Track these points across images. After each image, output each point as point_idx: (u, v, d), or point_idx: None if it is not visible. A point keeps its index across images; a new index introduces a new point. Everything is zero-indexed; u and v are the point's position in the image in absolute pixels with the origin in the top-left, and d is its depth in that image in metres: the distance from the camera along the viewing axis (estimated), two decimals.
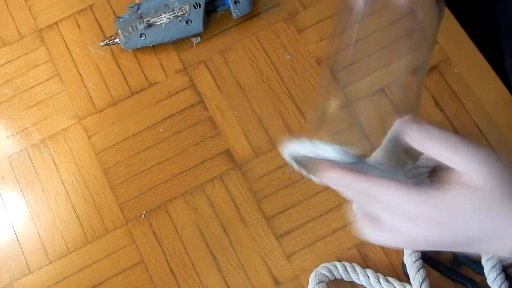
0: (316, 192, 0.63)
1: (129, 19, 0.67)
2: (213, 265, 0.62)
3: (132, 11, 0.67)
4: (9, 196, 0.66)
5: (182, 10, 0.66)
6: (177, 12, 0.66)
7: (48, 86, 0.70)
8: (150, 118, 0.67)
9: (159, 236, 0.63)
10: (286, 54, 0.68)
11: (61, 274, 0.63)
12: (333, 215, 0.62)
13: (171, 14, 0.66)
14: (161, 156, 0.66)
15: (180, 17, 0.66)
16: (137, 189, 0.65)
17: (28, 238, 0.64)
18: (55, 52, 0.71)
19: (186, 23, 0.67)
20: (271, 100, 0.67)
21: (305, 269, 0.61)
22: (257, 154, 0.65)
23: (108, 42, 0.69)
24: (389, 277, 0.58)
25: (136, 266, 0.62)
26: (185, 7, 0.66)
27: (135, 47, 0.68)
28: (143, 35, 0.67)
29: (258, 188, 0.64)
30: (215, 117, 0.67)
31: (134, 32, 0.67)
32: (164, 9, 0.67)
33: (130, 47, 0.68)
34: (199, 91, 0.68)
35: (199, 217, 0.63)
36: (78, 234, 0.64)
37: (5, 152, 0.67)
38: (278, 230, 0.62)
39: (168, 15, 0.66)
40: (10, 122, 0.69)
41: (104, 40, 0.69)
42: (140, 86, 0.69)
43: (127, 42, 0.68)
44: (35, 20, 0.72)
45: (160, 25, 0.67)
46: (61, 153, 0.67)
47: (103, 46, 0.70)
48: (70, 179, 0.66)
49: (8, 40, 0.72)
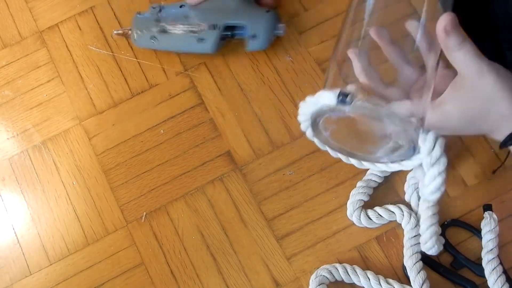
0: (316, 194, 0.63)
1: (147, 18, 0.68)
2: (213, 266, 0.62)
3: (154, 12, 0.67)
4: (9, 198, 0.66)
5: (199, 26, 0.65)
6: (193, 27, 0.66)
7: (48, 88, 0.70)
8: (150, 120, 0.67)
9: (159, 238, 0.63)
10: (287, 55, 0.69)
11: (62, 276, 0.63)
12: (334, 217, 0.62)
13: (187, 27, 0.66)
14: (162, 158, 0.66)
15: (195, 33, 0.66)
16: (138, 190, 0.65)
17: (28, 240, 0.64)
18: (56, 54, 0.71)
19: (199, 40, 0.66)
20: (271, 102, 0.67)
21: (305, 271, 0.61)
22: (257, 156, 0.65)
23: (121, 32, 0.70)
24: (390, 279, 0.58)
25: (137, 268, 0.62)
26: (202, 25, 0.65)
27: (144, 47, 0.69)
28: (155, 38, 0.67)
29: (259, 189, 0.64)
30: (215, 119, 0.67)
31: (147, 33, 0.67)
32: (182, 20, 0.66)
33: (139, 45, 0.69)
34: (199, 92, 0.68)
35: (200, 219, 0.63)
36: (78, 236, 0.64)
37: (5, 154, 0.67)
38: (278, 232, 0.62)
39: (184, 27, 0.66)
40: (10, 123, 0.69)
41: (119, 30, 0.70)
42: (141, 88, 0.69)
43: (138, 39, 0.68)
44: (36, 21, 0.72)
45: (173, 34, 0.67)
46: (61, 154, 0.67)
47: (115, 34, 0.70)
48: (70, 181, 0.66)
49: (9, 41, 0.72)
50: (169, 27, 0.66)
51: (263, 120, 0.66)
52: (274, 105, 0.67)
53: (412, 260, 0.58)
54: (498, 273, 0.56)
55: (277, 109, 0.67)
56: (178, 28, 0.66)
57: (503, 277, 0.56)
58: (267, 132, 0.66)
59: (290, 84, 0.67)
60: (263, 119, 0.66)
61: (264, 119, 0.66)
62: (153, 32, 0.67)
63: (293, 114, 0.66)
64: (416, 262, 0.58)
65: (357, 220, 0.61)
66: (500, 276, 0.56)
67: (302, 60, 0.68)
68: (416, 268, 0.57)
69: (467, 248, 0.60)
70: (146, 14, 0.68)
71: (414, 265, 0.58)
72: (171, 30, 0.66)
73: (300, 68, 0.68)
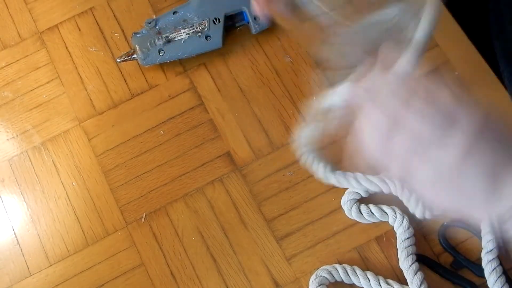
0: (316, 194, 0.63)
1: (147, 34, 0.66)
2: (213, 267, 0.62)
3: (150, 27, 0.66)
4: (9, 199, 0.66)
5: (201, 25, 0.65)
6: (196, 27, 0.65)
7: (48, 89, 0.70)
8: (150, 121, 0.67)
9: (159, 239, 0.63)
10: (287, 56, 0.69)
11: (61, 277, 0.63)
12: (334, 218, 0.62)
13: (190, 29, 0.65)
14: (162, 159, 0.66)
15: (199, 33, 0.66)
16: (138, 191, 0.65)
17: (28, 241, 0.64)
18: (56, 55, 0.71)
19: (205, 38, 0.66)
20: (271, 103, 0.67)
21: (305, 272, 0.61)
22: (257, 157, 0.65)
23: (125, 58, 0.67)
24: (390, 280, 0.58)
25: (136, 269, 0.62)
26: (204, 23, 0.65)
27: (153, 63, 0.67)
28: (162, 51, 0.66)
29: (259, 190, 0.64)
30: (215, 120, 0.67)
31: (152, 48, 0.66)
32: (183, 25, 0.66)
33: (148, 63, 0.67)
34: (199, 93, 0.68)
35: (200, 220, 0.63)
36: (78, 237, 0.64)
37: (5, 155, 0.67)
38: (278, 232, 0.62)
39: (187, 31, 0.66)
40: (10, 124, 0.69)
41: (121, 57, 0.68)
42: (141, 89, 0.69)
43: (146, 58, 0.66)
44: (35, 22, 0.72)
45: (179, 41, 0.66)
46: (61, 155, 0.67)
47: (120, 62, 0.68)
48: (70, 182, 0.66)
49: (8, 42, 0.72)
50: (173, 35, 0.66)
51: (263, 120, 0.66)
52: (273, 106, 0.67)
53: (407, 262, 0.58)
54: (498, 274, 0.56)
55: (277, 109, 0.67)
56: (182, 33, 0.66)
57: (503, 278, 0.56)
58: (267, 133, 0.66)
59: (290, 85, 0.67)
60: (263, 119, 0.66)
61: (264, 120, 0.66)
62: (158, 45, 0.66)
63: (293, 114, 0.66)
64: (412, 264, 0.58)
65: (347, 210, 0.61)
66: (500, 277, 0.56)
67: (302, 61, 0.68)
68: (413, 269, 0.57)
69: (467, 248, 0.60)
70: (143, 31, 0.67)
71: (410, 267, 0.58)
72: (176, 37, 0.66)
73: (300, 68, 0.68)
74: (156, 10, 0.71)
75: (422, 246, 0.60)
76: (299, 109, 0.66)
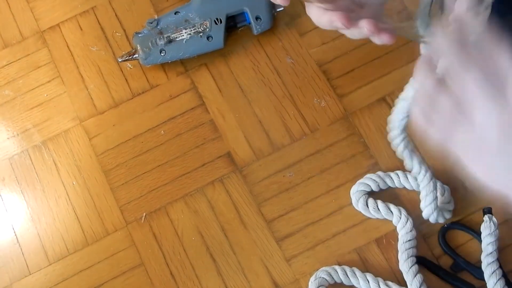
0: (316, 195, 0.63)
1: (149, 34, 0.66)
2: (213, 268, 0.62)
3: (151, 27, 0.66)
4: (9, 197, 0.66)
5: (203, 25, 0.65)
6: (198, 27, 0.66)
7: (49, 88, 0.70)
8: (151, 121, 0.67)
9: (159, 239, 0.63)
10: (288, 57, 0.69)
11: (61, 276, 0.63)
12: (333, 219, 0.62)
13: (191, 29, 0.66)
14: (162, 159, 0.66)
15: (201, 33, 0.66)
16: (138, 191, 0.65)
17: (28, 240, 0.64)
18: (57, 54, 0.71)
19: (207, 39, 0.66)
20: (272, 103, 0.67)
21: (305, 273, 0.61)
22: (258, 157, 0.65)
23: (126, 58, 0.68)
24: (389, 282, 0.58)
25: (136, 269, 0.62)
26: (205, 23, 0.65)
27: (155, 63, 0.67)
28: (163, 51, 0.66)
29: (259, 191, 0.64)
30: (216, 120, 0.67)
31: (154, 48, 0.66)
32: (184, 25, 0.66)
33: (150, 63, 0.67)
34: (200, 93, 0.68)
35: (200, 220, 0.63)
36: (78, 236, 0.64)
37: (6, 153, 0.67)
38: (278, 233, 0.62)
39: (188, 31, 0.66)
40: (11, 123, 0.69)
41: (122, 56, 0.68)
42: (142, 88, 0.69)
43: (147, 58, 0.67)
44: (37, 21, 0.72)
45: (180, 41, 0.66)
46: (62, 154, 0.67)
47: (121, 62, 0.69)
48: (70, 181, 0.66)
49: (10, 41, 0.72)
50: (174, 36, 0.66)
51: (264, 121, 0.66)
52: (274, 107, 0.67)
53: (407, 264, 0.58)
54: (498, 276, 0.56)
55: (278, 110, 0.67)
56: (183, 33, 0.66)
57: (502, 280, 0.56)
58: (268, 134, 0.66)
59: (291, 86, 0.67)
60: (264, 120, 0.66)
61: (265, 121, 0.66)
62: (160, 45, 0.66)
63: (294, 115, 0.66)
64: (412, 266, 0.58)
65: (355, 201, 0.62)
66: (500, 279, 0.56)
67: (303, 61, 0.68)
68: (412, 272, 0.57)
69: (467, 251, 0.60)
70: (144, 30, 0.67)
71: (410, 269, 0.57)
72: (177, 37, 0.66)
73: (301, 69, 0.68)
74: (158, 10, 0.71)
75: (422, 248, 0.60)
76: (300, 110, 0.66)
